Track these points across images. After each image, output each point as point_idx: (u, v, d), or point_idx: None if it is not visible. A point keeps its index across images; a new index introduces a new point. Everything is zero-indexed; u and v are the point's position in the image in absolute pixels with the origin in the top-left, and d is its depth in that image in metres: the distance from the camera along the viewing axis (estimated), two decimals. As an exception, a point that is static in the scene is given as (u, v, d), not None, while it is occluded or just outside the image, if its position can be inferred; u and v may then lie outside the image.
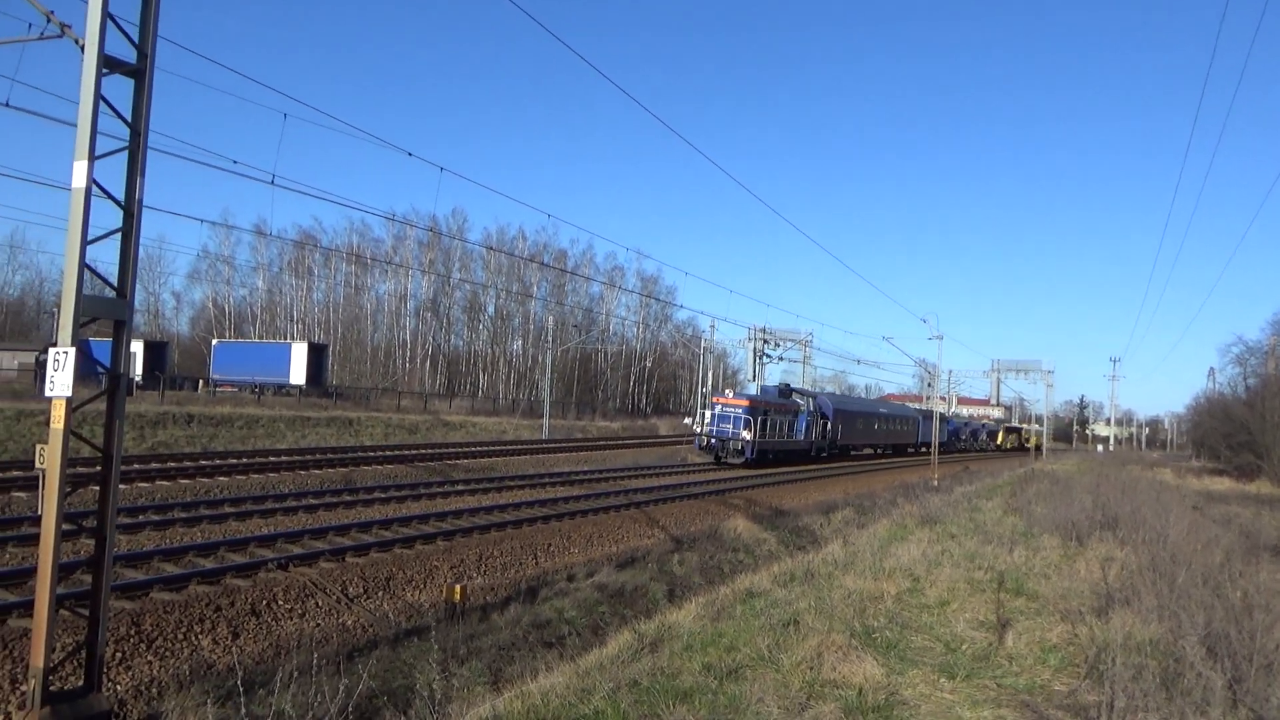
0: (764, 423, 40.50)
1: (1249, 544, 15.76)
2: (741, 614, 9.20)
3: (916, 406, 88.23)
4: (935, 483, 37.38)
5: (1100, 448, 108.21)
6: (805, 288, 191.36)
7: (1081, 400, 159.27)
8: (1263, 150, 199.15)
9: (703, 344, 78.91)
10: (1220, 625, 8.31)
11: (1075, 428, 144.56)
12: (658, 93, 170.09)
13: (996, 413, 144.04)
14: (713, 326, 74.96)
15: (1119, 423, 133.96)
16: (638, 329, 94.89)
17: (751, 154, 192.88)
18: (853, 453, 56.67)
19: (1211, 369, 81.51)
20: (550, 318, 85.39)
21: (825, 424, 49.11)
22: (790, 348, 71.88)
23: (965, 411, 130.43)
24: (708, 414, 40.74)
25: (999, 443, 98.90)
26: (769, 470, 38.42)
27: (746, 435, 38.48)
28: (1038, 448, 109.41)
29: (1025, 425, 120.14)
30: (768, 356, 70.66)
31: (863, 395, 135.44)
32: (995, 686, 7.34)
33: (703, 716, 5.76)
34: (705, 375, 73.54)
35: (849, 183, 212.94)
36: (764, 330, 70.03)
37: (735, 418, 39.28)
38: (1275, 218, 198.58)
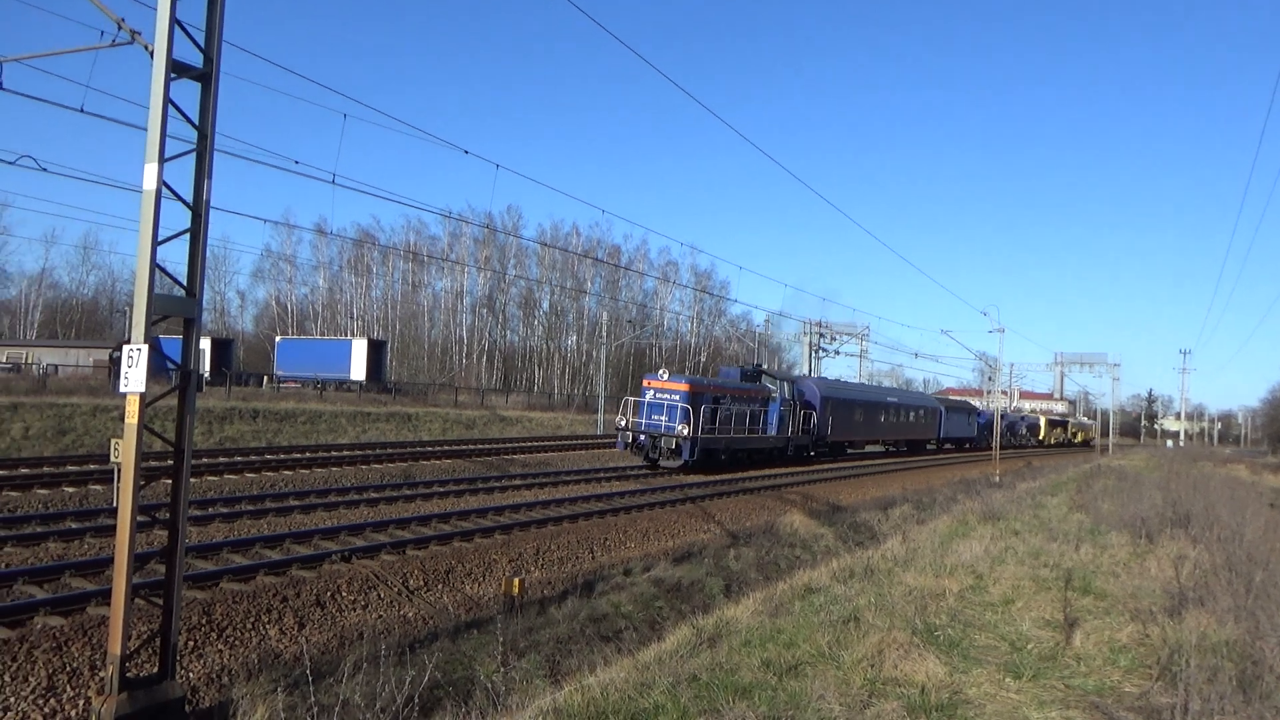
0: (713, 413, 30.73)
1: (1330, 543, 15.15)
2: (800, 610, 9.13)
3: (939, 395, 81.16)
4: (997, 478, 36.68)
5: (1170, 443, 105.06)
6: (862, 281, 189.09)
7: (1150, 394, 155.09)
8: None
9: (757, 338, 78.58)
10: (1302, 627, 8.02)
11: (1143, 423, 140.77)
12: (712, 87, 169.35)
13: (1060, 407, 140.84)
14: (767, 321, 74.62)
15: (1189, 417, 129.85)
16: (692, 324, 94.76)
17: (808, 147, 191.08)
18: (850, 450, 46.71)
19: (1288, 361, 78.63)
20: (604, 313, 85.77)
21: (809, 415, 38.61)
22: (847, 341, 71.24)
23: (1028, 406, 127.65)
24: (633, 401, 30.95)
25: (1041, 437, 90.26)
26: (719, 477, 29.48)
27: (684, 430, 28.73)
28: (1086, 442, 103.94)
29: (1072, 418, 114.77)
30: (824, 350, 70.12)
31: (920, 389, 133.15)
32: (1063, 687, 7.17)
33: (763, 713, 5.72)
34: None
35: (906, 174, 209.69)
36: (820, 324, 69.52)
37: (670, 406, 29.39)
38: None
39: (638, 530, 19.20)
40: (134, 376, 7.34)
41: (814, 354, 68.94)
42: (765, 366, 40.46)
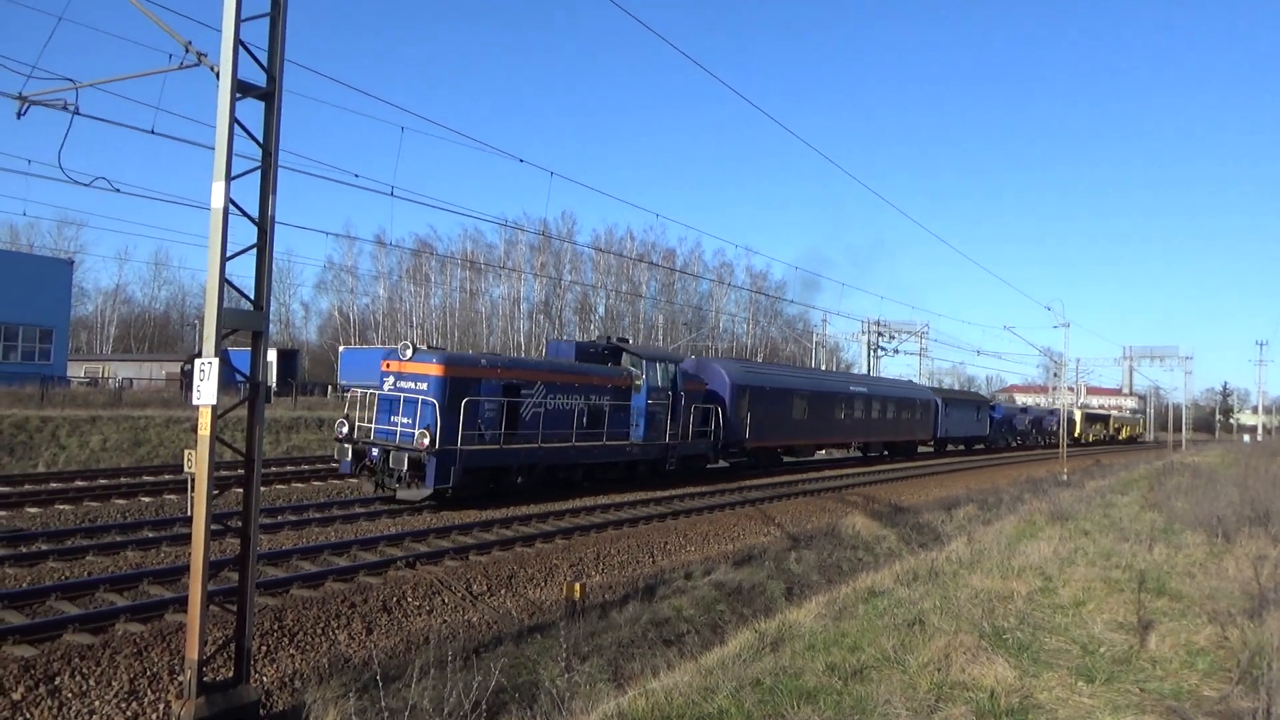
0: (502, 410, 19.93)
1: None
2: (864, 613, 9.04)
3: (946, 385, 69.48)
4: (1065, 477, 35.83)
5: (1246, 437, 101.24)
6: (921, 278, 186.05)
7: (1224, 387, 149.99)
8: None
9: (814, 339, 77.90)
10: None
11: (1218, 417, 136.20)
12: (766, 88, 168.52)
13: (1130, 402, 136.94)
14: (824, 320, 73.91)
15: (1267, 410, 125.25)
16: (748, 325, 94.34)
17: (863, 145, 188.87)
18: (790, 459, 34.65)
19: (1372, 350, 75.37)
20: (660, 316, 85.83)
21: (710, 412, 27.59)
22: (906, 340, 70.25)
23: (1095, 402, 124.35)
24: (362, 393, 21.07)
25: (1077, 434, 77.66)
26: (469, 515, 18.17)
27: (428, 439, 17.66)
28: (1133, 439, 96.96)
29: (1116, 411, 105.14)
30: (882, 349, 69.26)
31: (982, 387, 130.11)
32: (1138, 691, 6.99)
33: (828, 718, 5.68)
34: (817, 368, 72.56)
35: (965, 168, 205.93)
36: (878, 323, 68.68)
37: (411, 400, 18.55)
38: None
39: (697, 534, 19.17)
40: (205, 389, 7.57)
41: (872, 353, 68.14)
42: (628, 340, 27.97)
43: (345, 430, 19.32)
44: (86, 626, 9.55)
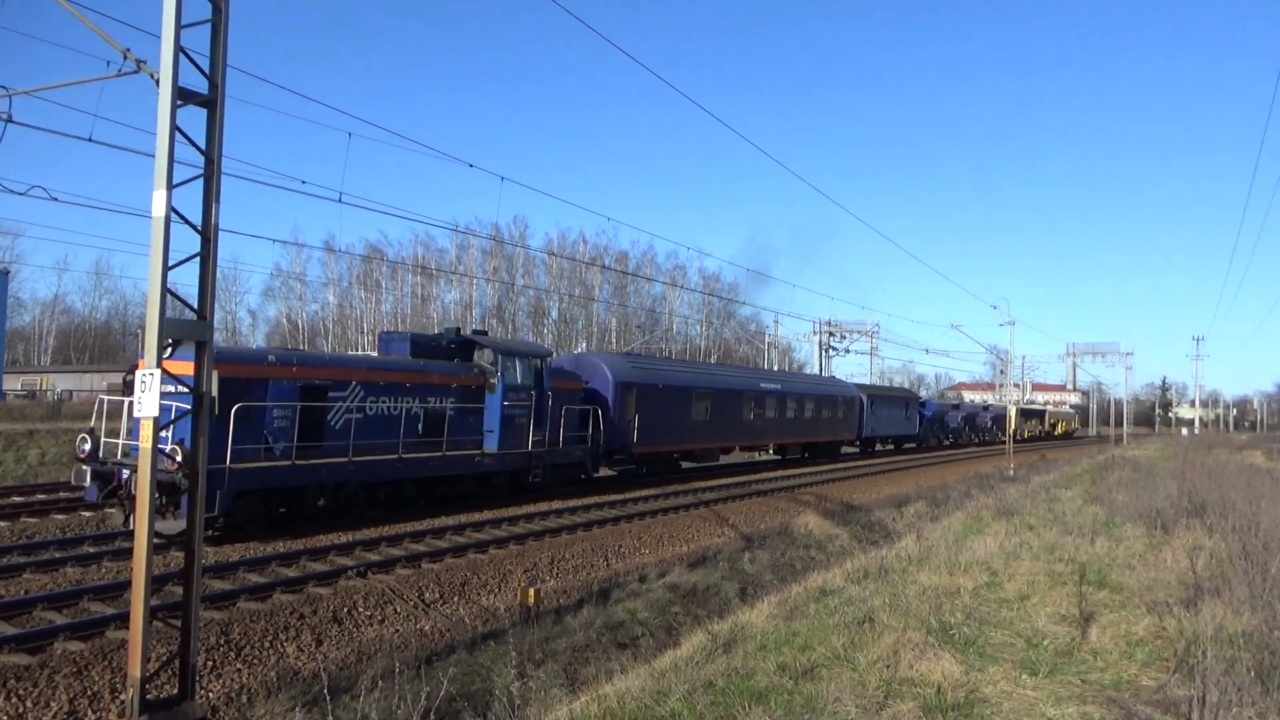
0: (303, 417, 16.42)
1: (1348, 529, 15.07)
2: (815, 612, 9.15)
3: (846, 379, 58.51)
4: (1011, 472, 36.57)
5: (1184, 431, 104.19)
6: (871, 279, 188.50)
7: (1163, 382, 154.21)
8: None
9: (767, 339, 78.54)
10: (1319, 615, 8.00)
11: (1157, 411, 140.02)
12: (715, 90, 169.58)
13: (1073, 398, 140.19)
14: (776, 322, 74.59)
15: (1204, 404, 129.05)
16: (701, 327, 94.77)
17: (812, 147, 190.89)
18: (689, 464, 31.60)
19: (1303, 345, 78.07)
20: (613, 319, 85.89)
21: (589, 414, 24.22)
22: (856, 339, 71.14)
23: (1040, 398, 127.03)
24: (111, 399, 16.03)
25: (1013, 431, 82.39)
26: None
27: (178, 456, 11.86)
28: (1068, 434, 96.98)
29: (1050, 406, 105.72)
30: (834, 349, 70.07)
31: (929, 386, 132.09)
32: (1080, 682, 7.17)
33: (779, 717, 5.75)
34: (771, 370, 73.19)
35: (912, 170, 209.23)
36: (829, 323, 69.48)
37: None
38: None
39: (652, 536, 19.22)
40: (147, 401, 7.42)
41: (824, 353, 68.91)
42: (483, 333, 25.22)
43: (88, 447, 14.54)
44: (23, 646, 9.29)
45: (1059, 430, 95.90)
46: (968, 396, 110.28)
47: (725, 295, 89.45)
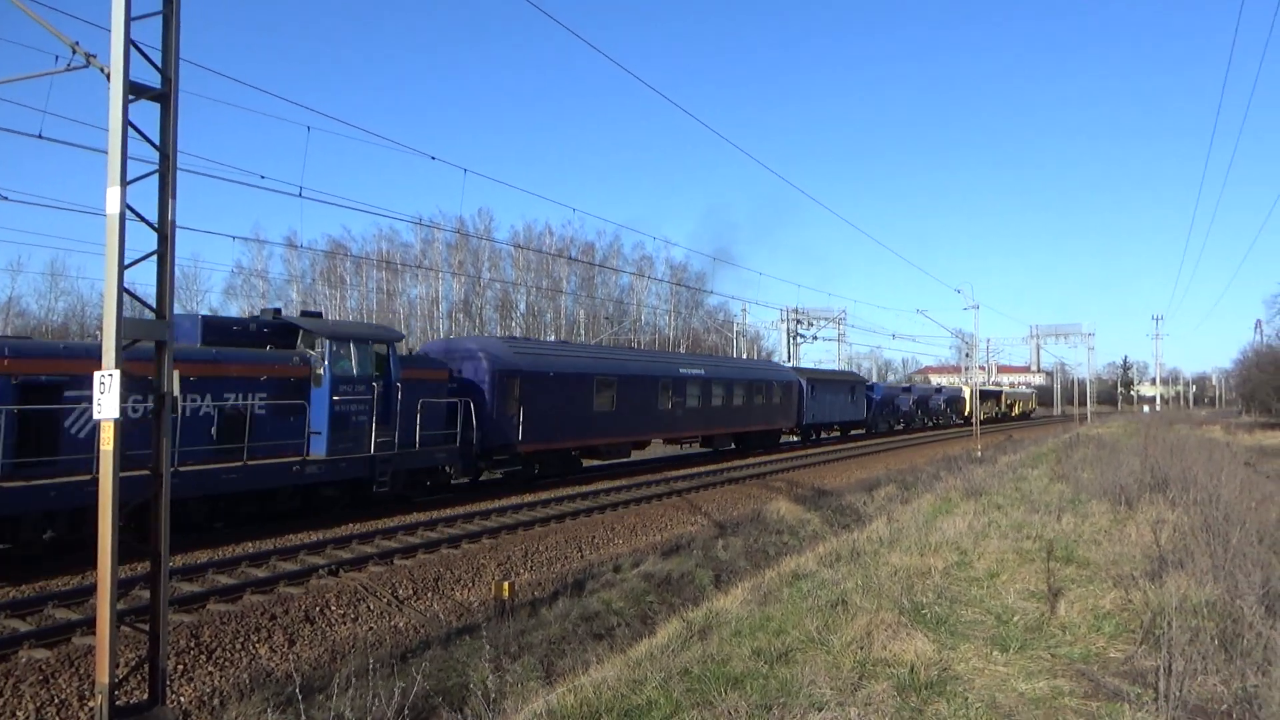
0: (21, 424, 12.61)
1: (1305, 499, 15.44)
2: (789, 597, 9.20)
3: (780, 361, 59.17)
4: (978, 454, 37.03)
5: (1146, 408, 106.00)
6: (836, 266, 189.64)
7: (1125, 361, 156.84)
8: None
9: (735, 328, 78.80)
10: (1278, 583, 8.17)
11: (1119, 390, 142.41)
12: (676, 77, 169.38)
13: (1037, 379, 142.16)
14: (744, 310, 74.85)
15: (1165, 382, 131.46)
16: (669, 317, 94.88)
17: (774, 133, 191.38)
18: (599, 463, 28.81)
19: (1258, 321, 79.84)
20: (581, 311, 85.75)
21: (457, 409, 20.63)
22: (824, 326, 71.60)
23: (1006, 380, 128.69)
24: None
25: (966, 413, 73.76)
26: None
27: None
28: (1025, 414, 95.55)
29: (1007, 388, 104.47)
30: (801, 336, 70.47)
31: (897, 371, 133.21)
32: (1049, 657, 7.28)
33: (755, 702, 5.77)
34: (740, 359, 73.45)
35: (876, 156, 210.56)
36: (797, 311, 69.84)
37: None
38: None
39: (625, 526, 19.24)
40: (107, 403, 7.28)
41: (792, 340, 69.28)
42: (316, 314, 20.64)
43: None
44: (-13, 656, 9.11)
45: (1015, 411, 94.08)
46: (935, 380, 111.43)
47: (692, 285, 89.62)
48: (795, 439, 44.10)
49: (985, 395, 79.33)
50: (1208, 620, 7.87)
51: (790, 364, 60.95)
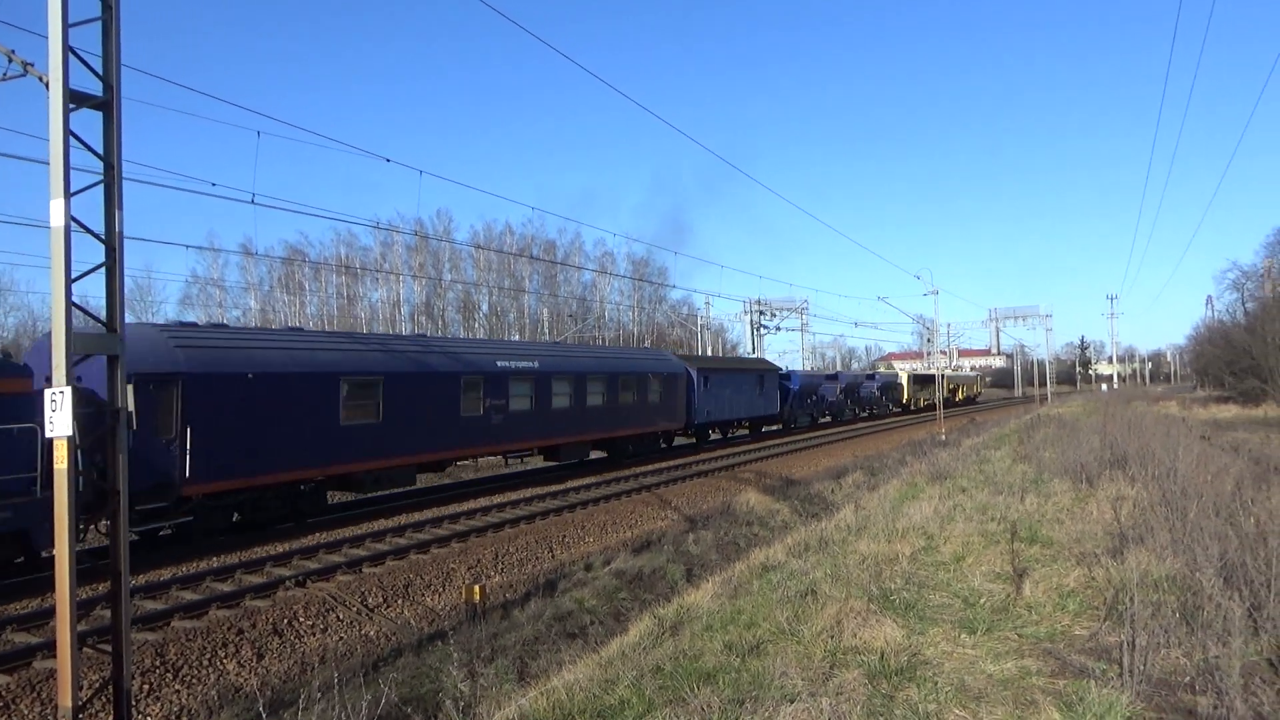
0: None
1: (1259, 470, 15.82)
2: (759, 589, 9.23)
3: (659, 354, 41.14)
4: (943, 437, 37.48)
5: (1104, 387, 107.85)
6: (798, 256, 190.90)
7: (1082, 341, 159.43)
8: (1245, 65, 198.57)
9: (699, 321, 79.02)
10: (1235, 555, 8.34)
11: (1078, 369, 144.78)
12: (634, 70, 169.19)
13: (998, 362, 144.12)
14: (707, 303, 75.06)
15: (1121, 360, 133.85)
16: (633, 312, 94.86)
17: (732, 126, 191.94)
18: (341, 499, 21.65)
19: (1209, 297, 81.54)
20: (544, 310, 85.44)
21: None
22: (787, 317, 72.03)
23: (967, 364, 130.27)
24: None
25: (905, 400, 70.00)
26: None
27: None
28: (970, 399, 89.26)
29: (949, 370, 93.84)
30: (765, 327, 70.82)
31: (860, 358, 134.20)
32: (1016, 637, 7.37)
33: (727, 696, 5.78)
34: (704, 351, 73.69)
35: (833, 146, 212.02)
36: (759, 302, 70.17)
37: None
38: (1262, 137, 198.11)
39: (595, 524, 19.21)
40: (59, 420, 7.12)
41: (756, 332, 69.59)
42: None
43: None
44: (-56, 685, 8.86)
45: (960, 395, 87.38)
46: (898, 366, 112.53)
47: (655, 280, 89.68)
48: (690, 441, 36.83)
49: (925, 380, 75.03)
50: (1169, 594, 8.02)
51: (755, 354, 61.12)
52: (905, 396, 69.71)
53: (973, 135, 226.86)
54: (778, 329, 71.73)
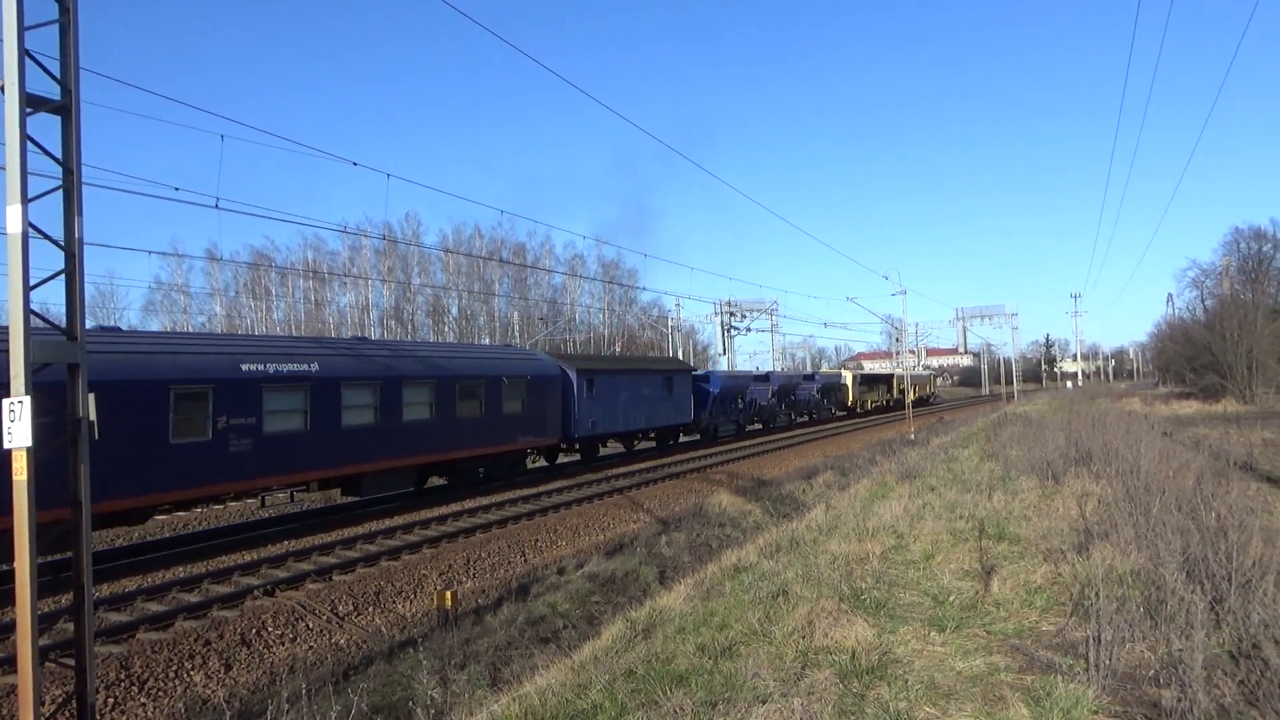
0: None
1: (1218, 465, 16.10)
2: (731, 590, 9.25)
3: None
4: (912, 436, 37.80)
5: (1069, 384, 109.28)
6: (767, 258, 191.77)
7: (1047, 339, 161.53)
8: (1203, 67, 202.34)
9: (670, 323, 79.12)
10: (1197, 549, 8.49)
11: (1043, 367, 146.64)
12: (599, 75, 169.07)
13: (966, 361, 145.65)
14: (678, 305, 75.19)
15: (1086, 357, 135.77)
16: (603, 315, 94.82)
17: (701, 128, 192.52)
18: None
19: (1170, 295, 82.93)
20: (515, 313, 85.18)
21: None
22: (757, 318, 72.35)
23: (935, 362, 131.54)
24: None
25: (850, 404, 63.27)
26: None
27: None
28: (923, 399, 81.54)
29: (899, 369, 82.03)
30: (735, 329, 71.09)
31: (830, 359, 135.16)
32: (985, 634, 7.45)
33: (700, 699, 5.79)
34: (675, 353, 73.83)
35: (803, 148, 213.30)
36: (729, 304, 70.45)
37: None
38: (1220, 138, 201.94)
39: (568, 528, 19.16)
40: (18, 431, 7.00)
41: (726, 333, 69.81)
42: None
43: None
44: (-100, 702, 8.64)
45: (912, 396, 77.32)
46: (868, 366, 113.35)
47: (625, 282, 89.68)
48: (540, 465, 30.38)
49: (873, 380, 70.60)
50: (1133, 589, 8.15)
51: (723, 355, 60.95)
52: (850, 398, 63.68)
53: (939, 138, 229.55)
54: (748, 330, 72.05)
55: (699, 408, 38.58)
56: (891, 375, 75.20)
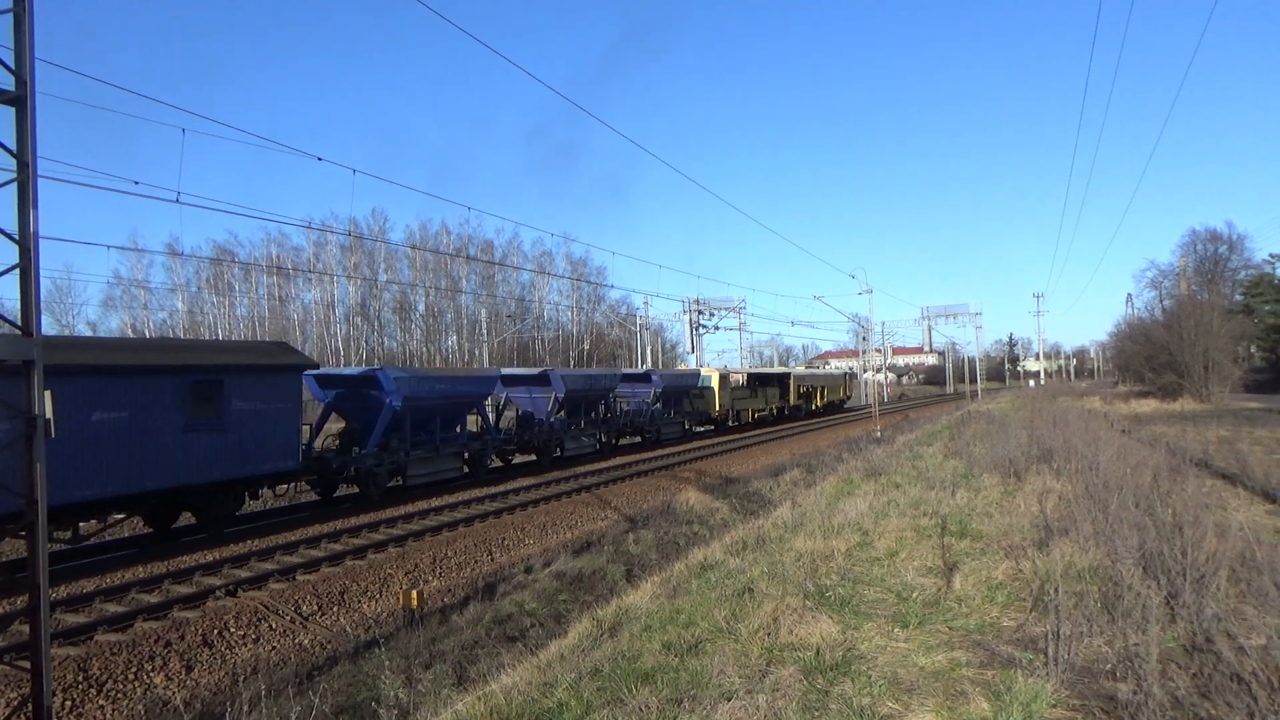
0: None
1: (1175, 462, 16.40)
2: (697, 588, 9.28)
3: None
4: (879, 434, 38.14)
5: (1031, 383, 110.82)
6: (735, 256, 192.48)
7: (1010, 338, 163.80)
8: (1162, 71, 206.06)
9: (638, 321, 79.16)
10: (1153, 545, 8.65)
11: (1006, 366, 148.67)
12: (573, 74, 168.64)
13: (931, 359, 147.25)
14: (646, 303, 75.27)
15: (1048, 356, 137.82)
16: (572, 313, 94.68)
17: (669, 126, 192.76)
18: None
19: (1129, 295, 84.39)
20: (482, 310, 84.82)
21: None
22: (725, 316, 72.63)
23: (901, 361, 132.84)
24: None
25: (714, 414, 45.13)
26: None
27: None
28: (834, 405, 68.54)
29: (808, 367, 76.14)
30: (703, 327, 71.33)
31: (797, 357, 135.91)
32: (947, 630, 7.54)
33: (665, 696, 5.81)
34: (644, 351, 73.93)
35: (771, 148, 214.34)
36: (697, 302, 70.67)
37: None
38: (1179, 141, 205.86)
39: (535, 526, 19.13)
40: (-30, 430, 6.85)
41: (694, 331, 70.00)
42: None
43: None
44: None
45: (818, 402, 63.23)
46: (835, 364, 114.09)
47: (593, 280, 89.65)
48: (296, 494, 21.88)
49: (762, 380, 54.22)
50: (1091, 584, 8.28)
51: (691, 354, 61.04)
52: (716, 408, 44.93)
53: (905, 139, 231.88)
54: (716, 328, 72.33)
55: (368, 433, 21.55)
56: (789, 374, 60.41)
